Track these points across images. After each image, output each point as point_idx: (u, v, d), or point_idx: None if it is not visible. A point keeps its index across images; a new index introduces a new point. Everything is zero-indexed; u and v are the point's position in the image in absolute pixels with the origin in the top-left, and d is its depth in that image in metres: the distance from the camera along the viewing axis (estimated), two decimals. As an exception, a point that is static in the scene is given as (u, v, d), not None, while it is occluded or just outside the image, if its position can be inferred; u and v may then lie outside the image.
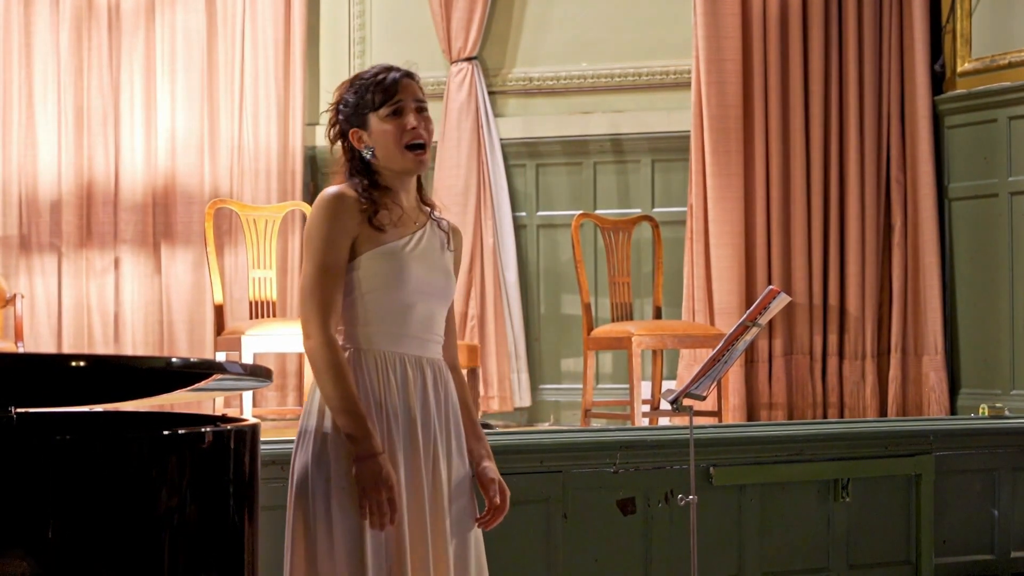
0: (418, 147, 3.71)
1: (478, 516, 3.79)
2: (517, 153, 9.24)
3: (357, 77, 3.77)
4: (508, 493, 3.81)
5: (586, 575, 5.84)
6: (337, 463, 3.61)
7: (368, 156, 3.72)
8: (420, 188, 3.83)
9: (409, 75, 3.75)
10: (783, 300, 4.83)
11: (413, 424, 3.68)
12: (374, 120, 3.70)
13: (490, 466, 3.80)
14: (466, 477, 3.78)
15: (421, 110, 3.73)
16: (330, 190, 3.70)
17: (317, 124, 9.58)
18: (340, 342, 3.68)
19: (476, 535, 3.80)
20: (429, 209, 3.83)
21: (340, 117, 3.76)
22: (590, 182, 9.18)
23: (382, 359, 3.67)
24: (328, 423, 3.63)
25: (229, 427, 3.49)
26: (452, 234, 3.87)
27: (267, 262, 7.58)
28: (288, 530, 3.70)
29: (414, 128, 3.69)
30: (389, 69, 3.74)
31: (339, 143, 3.78)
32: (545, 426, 8.69)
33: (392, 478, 3.56)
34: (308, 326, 3.63)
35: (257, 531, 3.59)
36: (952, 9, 8.47)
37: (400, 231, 3.71)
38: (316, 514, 3.64)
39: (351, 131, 3.74)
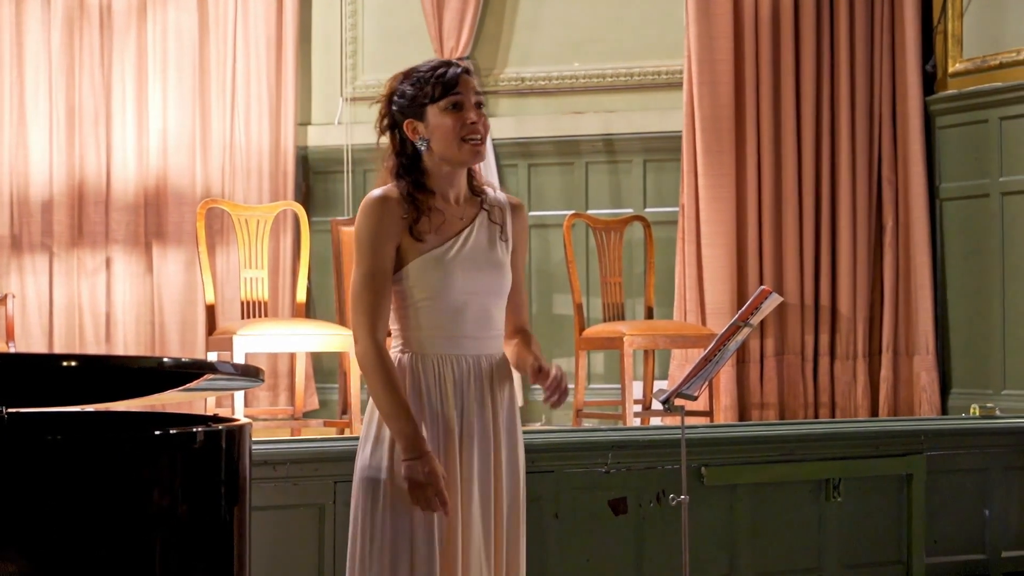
0: (475, 141, 3.72)
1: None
2: (509, 153, 9.24)
3: (414, 70, 3.76)
4: (560, 372, 3.75)
5: (578, 575, 5.84)
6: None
7: (422, 148, 3.72)
8: (472, 178, 3.82)
9: (467, 71, 3.76)
10: (775, 300, 4.83)
11: (471, 427, 3.73)
12: (432, 112, 3.70)
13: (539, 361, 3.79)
14: (519, 479, 3.84)
15: (479, 105, 3.74)
16: (374, 193, 3.72)
17: (309, 124, 9.59)
18: (399, 346, 3.73)
19: (523, 537, 3.85)
20: (481, 199, 3.83)
21: (394, 108, 3.76)
22: (582, 182, 9.18)
23: (440, 363, 3.71)
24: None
25: (221, 427, 3.49)
26: (512, 213, 3.88)
27: (259, 262, 7.57)
28: (356, 530, 3.73)
29: (473, 123, 3.70)
30: (448, 64, 3.75)
31: (387, 135, 3.78)
32: (537, 426, 8.68)
33: (438, 473, 3.61)
34: (356, 331, 3.69)
35: (248, 531, 3.58)
36: (943, 9, 8.47)
37: (442, 236, 3.72)
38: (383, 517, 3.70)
39: (406, 122, 3.73)
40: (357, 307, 3.68)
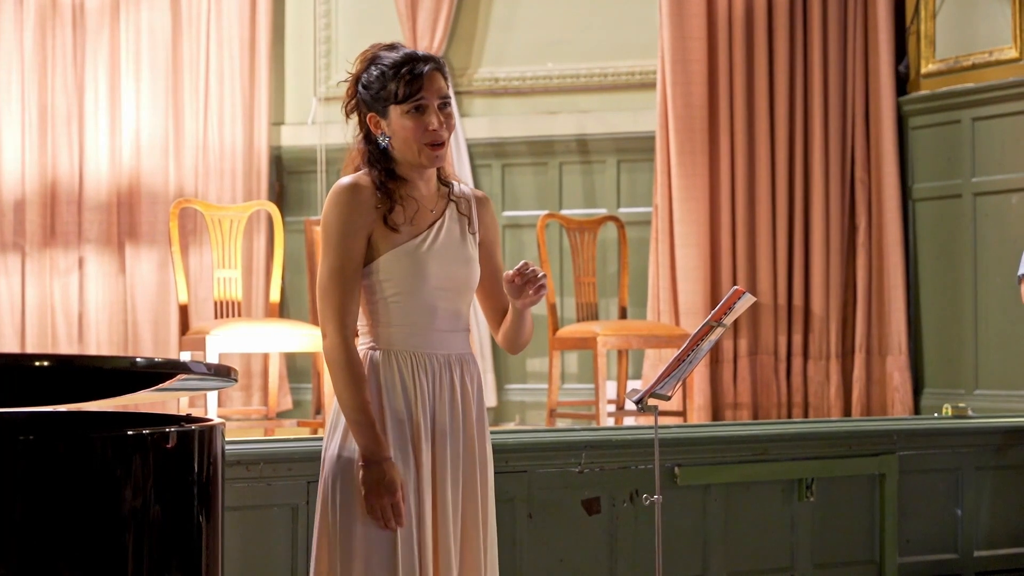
0: (436, 145, 3.64)
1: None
2: (483, 153, 9.25)
3: (379, 57, 3.66)
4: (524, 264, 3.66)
5: (551, 575, 5.85)
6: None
7: (383, 144, 3.65)
8: (440, 168, 3.74)
9: (436, 67, 3.66)
10: (748, 300, 4.84)
11: (443, 426, 3.66)
12: (395, 112, 3.63)
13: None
14: (489, 479, 3.77)
15: (444, 106, 3.65)
16: (344, 181, 3.65)
17: (283, 124, 9.57)
18: (369, 342, 3.65)
19: (494, 538, 3.80)
20: (448, 190, 3.75)
21: (359, 96, 3.69)
22: (556, 182, 9.18)
23: (412, 360, 3.64)
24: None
25: (193, 427, 3.48)
26: (478, 206, 3.79)
27: (232, 262, 7.55)
28: (317, 524, 3.68)
29: (435, 130, 3.62)
30: (415, 59, 3.64)
31: (355, 116, 3.71)
32: (510, 426, 8.69)
33: (396, 483, 3.55)
34: (324, 326, 3.61)
35: (220, 531, 3.57)
36: (916, 10, 8.50)
37: (415, 228, 3.65)
38: (344, 515, 3.62)
39: (369, 115, 3.67)
40: (325, 301, 3.60)
